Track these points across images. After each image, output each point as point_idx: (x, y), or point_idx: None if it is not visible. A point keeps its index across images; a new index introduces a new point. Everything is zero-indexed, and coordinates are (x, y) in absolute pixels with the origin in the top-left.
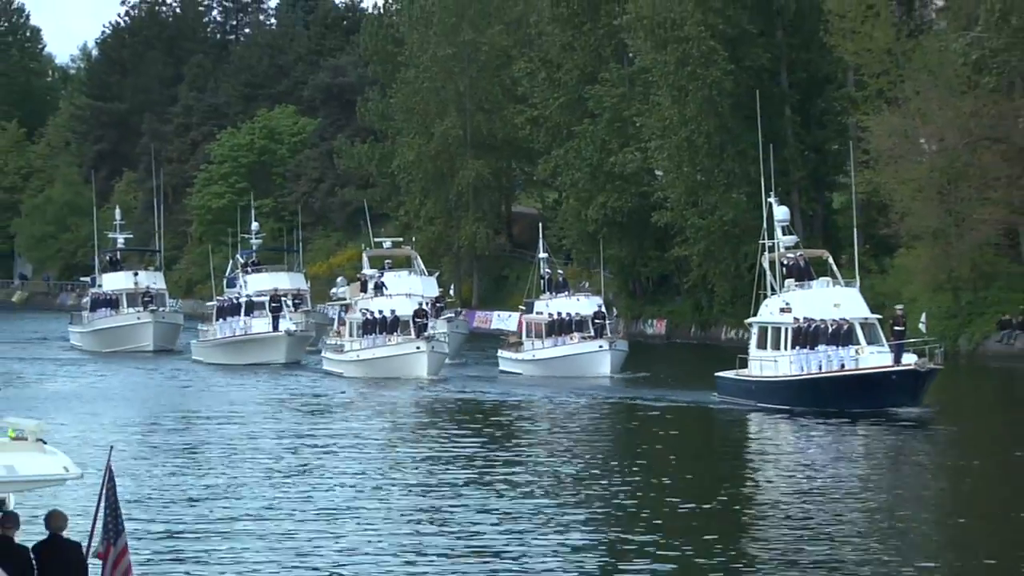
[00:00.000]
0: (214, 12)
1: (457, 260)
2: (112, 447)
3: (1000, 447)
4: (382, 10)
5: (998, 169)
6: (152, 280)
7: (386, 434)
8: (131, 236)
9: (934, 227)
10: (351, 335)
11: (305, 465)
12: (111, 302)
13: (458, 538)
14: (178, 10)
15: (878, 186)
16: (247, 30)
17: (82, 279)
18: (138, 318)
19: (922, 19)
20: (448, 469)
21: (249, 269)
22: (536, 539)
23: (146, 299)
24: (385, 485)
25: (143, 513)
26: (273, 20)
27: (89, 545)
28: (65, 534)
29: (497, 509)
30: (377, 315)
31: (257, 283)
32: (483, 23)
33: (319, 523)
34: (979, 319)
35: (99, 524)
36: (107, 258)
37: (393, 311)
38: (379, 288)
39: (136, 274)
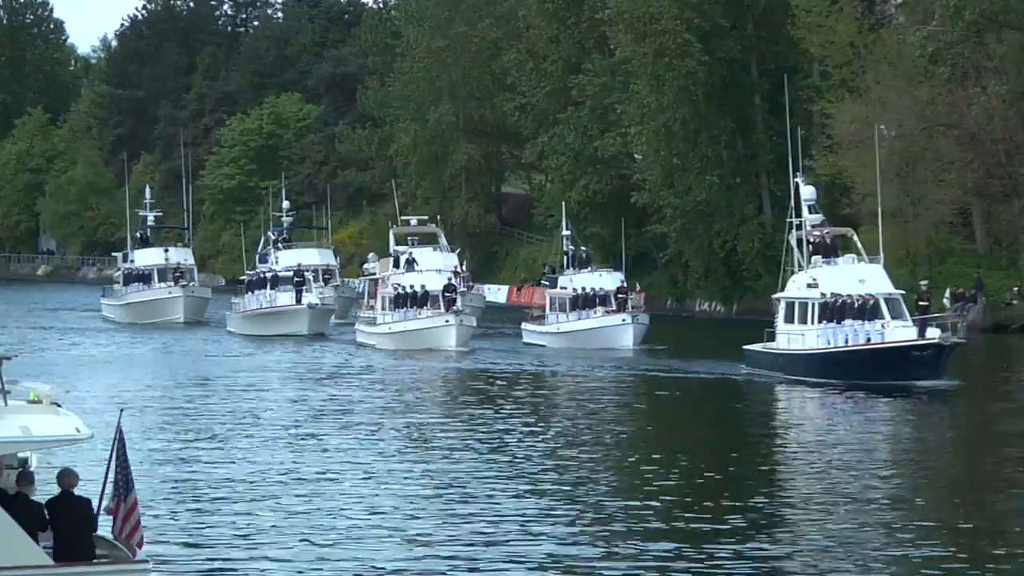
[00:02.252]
0: (225, 6)
1: (451, 237)
2: (122, 410)
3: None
4: (381, 5)
5: (952, 153)
6: (182, 256)
7: (419, 401)
8: (160, 214)
9: (893, 207)
10: (383, 309)
11: (317, 430)
12: (143, 277)
13: (479, 504)
14: (192, 4)
15: (841, 169)
16: (256, 23)
17: (114, 254)
18: (169, 292)
19: (882, 14)
20: (482, 436)
21: (280, 245)
22: (566, 505)
23: (177, 274)
24: (412, 450)
25: (153, 470)
26: (280, 14)
27: (100, 501)
28: (76, 491)
29: (533, 475)
30: (408, 289)
31: (289, 258)
32: (474, 17)
33: (324, 485)
34: (935, 292)
35: (110, 481)
36: (138, 235)
37: (424, 286)
38: (410, 264)
39: (167, 250)
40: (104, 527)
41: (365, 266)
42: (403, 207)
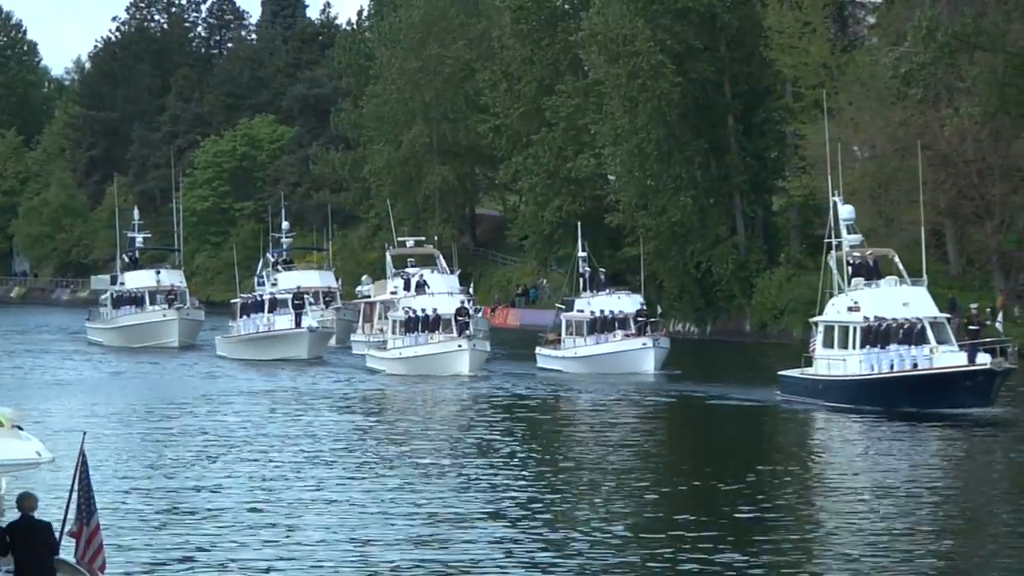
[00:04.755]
0: (199, 28)
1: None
2: (85, 433)
3: None
4: (355, 27)
5: (924, 174)
6: (175, 278)
7: (432, 428)
8: (149, 235)
9: (866, 228)
10: (394, 333)
11: (303, 456)
12: (135, 299)
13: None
14: (165, 26)
15: (814, 190)
16: (230, 44)
17: (100, 276)
18: (164, 315)
19: (855, 35)
20: (511, 467)
21: (280, 267)
22: (598, 535)
23: (171, 296)
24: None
25: (115, 495)
26: (254, 35)
27: (63, 525)
28: (37, 514)
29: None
30: (420, 313)
31: (289, 280)
32: (448, 39)
33: (301, 513)
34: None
35: (72, 505)
36: (125, 257)
37: (435, 309)
38: (421, 287)
39: (159, 272)
40: (67, 551)
41: (359, 288)
42: (376, 228)
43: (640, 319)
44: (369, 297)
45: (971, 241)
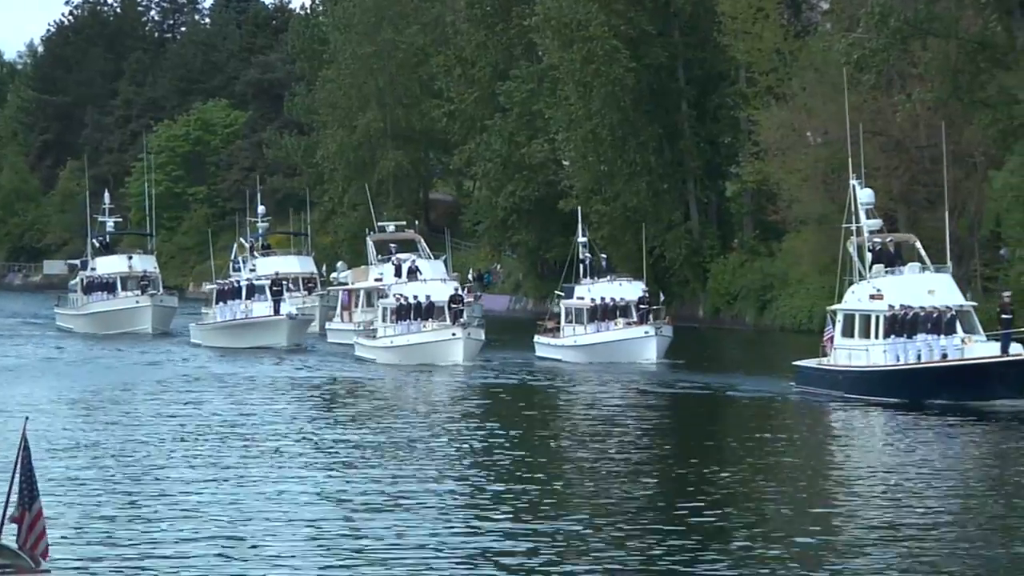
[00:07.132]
0: (152, 11)
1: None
2: (27, 418)
3: None
4: (308, 11)
5: (877, 160)
6: (148, 264)
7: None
8: (120, 219)
9: (819, 213)
10: (384, 320)
11: (274, 447)
12: (107, 285)
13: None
14: (119, 9)
15: (767, 175)
16: (183, 28)
17: (69, 262)
18: (137, 302)
19: (808, 21)
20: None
21: (256, 254)
22: (615, 529)
23: (144, 283)
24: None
25: (60, 480)
26: (208, 19)
27: (4, 510)
28: None
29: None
30: (412, 300)
31: (267, 266)
32: (402, 23)
33: (259, 501)
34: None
35: (14, 490)
36: (95, 242)
37: (428, 296)
38: (412, 273)
39: (130, 258)
40: (9, 537)
41: (334, 275)
42: (330, 213)
43: (642, 306)
44: (346, 284)
45: (924, 227)
